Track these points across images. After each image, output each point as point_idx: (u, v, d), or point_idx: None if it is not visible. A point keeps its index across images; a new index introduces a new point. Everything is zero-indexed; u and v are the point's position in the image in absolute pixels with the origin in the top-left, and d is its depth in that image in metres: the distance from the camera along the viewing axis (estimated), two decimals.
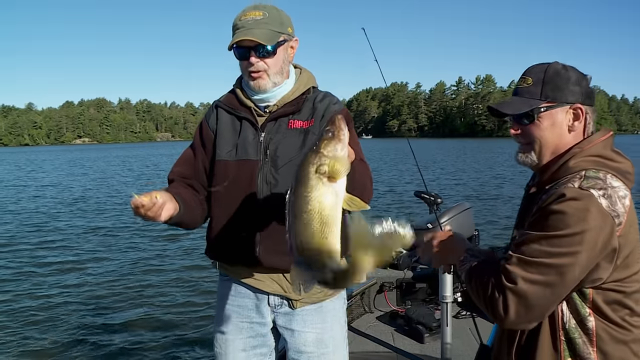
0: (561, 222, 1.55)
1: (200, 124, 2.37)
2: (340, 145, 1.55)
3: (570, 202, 1.55)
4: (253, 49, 2.08)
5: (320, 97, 2.25)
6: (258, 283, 2.22)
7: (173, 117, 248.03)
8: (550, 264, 1.54)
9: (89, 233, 12.59)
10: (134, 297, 7.50)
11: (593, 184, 1.59)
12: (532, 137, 1.78)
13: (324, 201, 1.52)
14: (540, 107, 1.74)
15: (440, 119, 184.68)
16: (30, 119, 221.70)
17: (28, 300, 7.38)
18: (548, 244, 1.55)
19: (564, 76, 1.75)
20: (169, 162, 46.22)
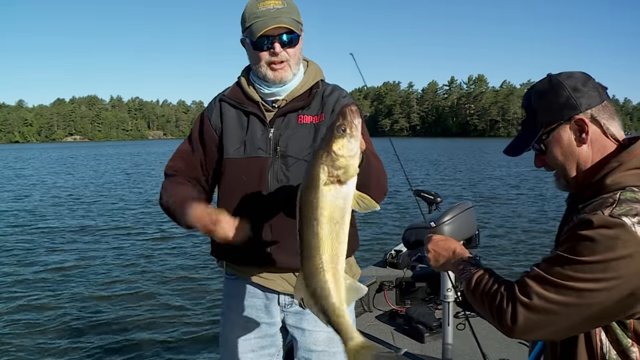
0: (587, 248, 1.45)
1: (200, 118, 2.29)
2: (353, 142, 1.49)
3: (599, 230, 1.45)
4: (276, 37, 2.03)
5: (329, 91, 2.20)
6: (268, 282, 2.19)
7: (165, 115, 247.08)
8: (569, 287, 1.45)
9: (81, 233, 12.50)
10: (135, 298, 7.44)
11: (627, 209, 1.46)
12: (552, 164, 1.73)
13: (334, 206, 1.50)
14: (541, 136, 1.68)
15: (433, 118, 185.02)
16: (21, 116, 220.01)
17: (25, 304, 7.28)
18: (571, 268, 1.47)
19: (549, 95, 1.67)
20: (161, 160, 46.20)
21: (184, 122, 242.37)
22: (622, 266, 1.41)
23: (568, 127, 1.64)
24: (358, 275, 2.35)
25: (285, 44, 2.06)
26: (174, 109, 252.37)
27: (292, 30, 2.05)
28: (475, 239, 5.18)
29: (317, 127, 2.12)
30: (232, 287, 2.30)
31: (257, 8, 2.03)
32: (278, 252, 2.12)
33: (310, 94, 2.18)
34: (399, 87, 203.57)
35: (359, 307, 4.84)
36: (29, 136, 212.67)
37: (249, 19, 2.05)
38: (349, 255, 2.28)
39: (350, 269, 2.30)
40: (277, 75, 2.09)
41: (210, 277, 8.22)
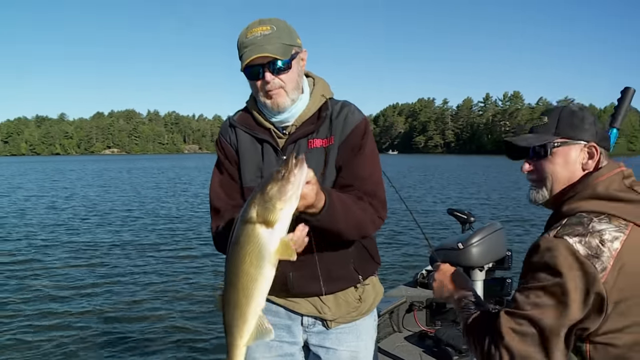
0: (537, 274, 1.56)
1: (218, 143, 2.24)
2: (288, 188, 1.53)
3: (544, 254, 1.56)
4: (266, 66, 1.95)
5: (338, 110, 2.12)
6: (291, 304, 2.18)
7: (200, 129, 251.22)
8: (529, 316, 1.53)
9: (109, 247, 12.48)
10: (155, 313, 7.41)
11: (569, 231, 1.56)
12: (544, 172, 1.79)
13: (254, 246, 1.55)
14: (554, 142, 1.76)
15: (467, 135, 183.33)
16: (62, 129, 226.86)
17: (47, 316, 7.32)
18: (527, 295, 1.56)
19: (579, 115, 1.77)
20: (195, 175, 46.61)
21: None
22: (568, 287, 1.50)
23: (581, 148, 1.75)
24: (381, 294, 2.31)
25: (276, 71, 1.97)
26: (210, 123, 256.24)
27: (278, 58, 1.95)
28: (507, 261, 5.06)
29: (327, 150, 2.07)
30: None
31: (245, 37, 1.97)
32: (299, 281, 2.10)
33: (319, 116, 2.11)
34: (434, 103, 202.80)
35: (388, 327, 4.75)
36: (69, 148, 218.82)
37: (239, 49, 1.99)
38: (371, 274, 2.27)
39: (374, 288, 2.28)
40: (273, 103, 2.02)
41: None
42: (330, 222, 1.82)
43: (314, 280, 2.08)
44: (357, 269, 2.17)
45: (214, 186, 2.23)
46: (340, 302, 2.16)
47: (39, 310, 7.46)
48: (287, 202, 1.54)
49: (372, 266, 2.27)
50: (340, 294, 2.16)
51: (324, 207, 1.77)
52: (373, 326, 2.30)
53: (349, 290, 2.17)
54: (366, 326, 2.25)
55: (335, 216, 1.83)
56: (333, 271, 2.11)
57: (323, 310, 2.15)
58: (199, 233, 13.92)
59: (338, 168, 2.06)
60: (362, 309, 2.21)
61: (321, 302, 2.14)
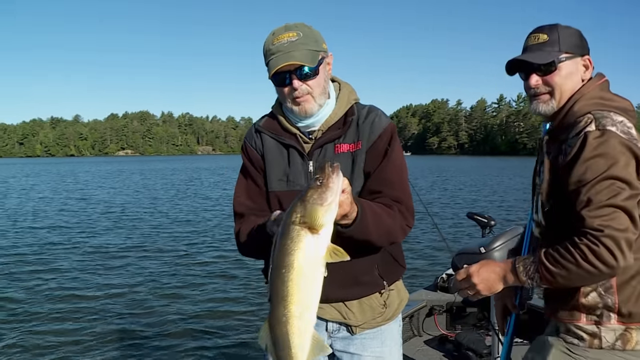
0: (594, 165, 1.76)
1: (245, 149, 2.24)
2: (327, 194, 1.54)
3: (596, 145, 1.77)
4: (294, 72, 1.96)
5: (364, 115, 2.13)
6: (317, 311, 2.16)
7: (214, 130, 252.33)
8: (610, 203, 1.73)
9: (117, 248, 12.47)
10: (177, 318, 7.30)
11: (605, 122, 1.80)
12: (553, 84, 1.99)
13: (304, 255, 1.55)
14: (561, 57, 1.97)
15: (481, 136, 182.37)
16: (77, 130, 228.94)
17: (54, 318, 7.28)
18: (597, 189, 1.75)
19: (575, 33, 2.02)
20: (208, 176, 46.61)
21: (233, 138, 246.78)
22: (626, 166, 1.76)
23: (580, 60, 2.01)
24: (405, 300, 2.32)
25: (304, 77, 1.98)
26: (223, 124, 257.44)
27: (306, 65, 1.97)
28: None
29: (355, 155, 2.08)
30: None
31: (272, 44, 1.97)
32: (327, 285, 2.07)
33: (345, 121, 2.12)
34: (447, 104, 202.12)
35: (409, 332, 4.76)
36: (83, 150, 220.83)
37: (266, 56, 2.00)
38: (396, 279, 2.27)
39: (399, 293, 2.28)
40: (301, 109, 2.03)
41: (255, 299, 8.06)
42: (362, 232, 1.84)
43: (340, 287, 2.07)
44: (382, 274, 2.17)
45: (239, 191, 2.24)
46: (365, 308, 2.16)
47: (45, 313, 7.47)
48: (328, 208, 1.55)
49: (397, 271, 2.27)
50: (365, 300, 2.15)
51: (356, 218, 1.79)
52: (398, 332, 2.31)
53: (374, 295, 2.17)
54: (391, 331, 2.25)
55: (367, 227, 1.84)
56: (359, 277, 2.11)
57: (348, 316, 2.15)
58: (213, 235, 13.91)
59: (366, 174, 2.07)
60: (387, 314, 2.21)
61: (346, 307, 2.15)
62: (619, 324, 1.87)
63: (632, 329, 1.87)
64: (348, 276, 2.07)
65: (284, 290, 1.56)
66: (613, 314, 1.87)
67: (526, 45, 2.05)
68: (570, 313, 1.95)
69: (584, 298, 1.90)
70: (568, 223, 1.84)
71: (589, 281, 1.83)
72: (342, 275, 2.06)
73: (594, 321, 1.90)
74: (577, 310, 1.93)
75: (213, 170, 57.26)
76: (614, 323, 1.87)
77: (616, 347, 1.87)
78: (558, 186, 1.91)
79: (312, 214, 1.53)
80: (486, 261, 2.02)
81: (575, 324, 1.94)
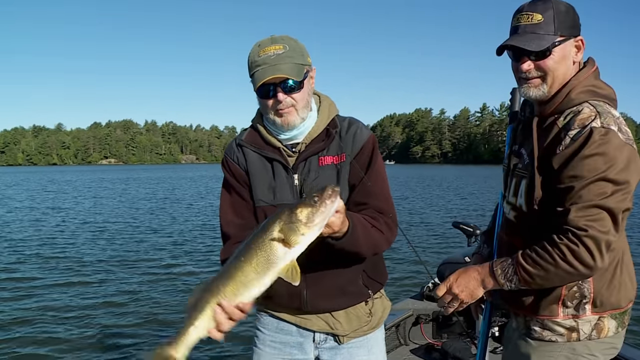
0: (592, 163, 1.76)
1: (227, 164, 2.21)
2: (316, 216, 1.60)
3: (597, 144, 1.76)
4: (279, 85, 1.97)
5: (346, 127, 2.14)
6: (303, 322, 2.19)
7: (198, 139, 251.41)
8: (599, 205, 1.74)
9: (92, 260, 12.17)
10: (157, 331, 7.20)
11: (607, 119, 1.80)
12: (546, 69, 1.93)
13: (265, 259, 1.64)
14: (556, 41, 1.90)
15: (464, 145, 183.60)
16: (60, 139, 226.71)
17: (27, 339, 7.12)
18: (589, 188, 1.76)
19: (571, 12, 1.94)
20: (192, 185, 46.17)
21: (217, 147, 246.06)
22: (623, 168, 1.77)
23: (574, 42, 1.94)
24: (388, 308, 2.34)
25: (288, 90, 1.98)
26: (207, 133, 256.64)
27: (292, 79, 1.97)
28: None
29: (339, 167, 2.09)
30: (265, 321, 2.28)
31: (257, 56, 1.97)
32: (314, 298, 2.12)
33: (328, 133, 2.13)
34: (431, 113, 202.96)
35: (395, 341, 4.75)
36: (66, 159, 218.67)
37: (251, 68, 2.00)
38: (379, 288, 2.28)
39: (382, 301, 2.30)
40: (284, 121, 2.03)
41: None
42: (352, 245, 1.89)
43: (327, 298, 2.12)
44: (367, 284, 2.19)
45: (224, 208, 2.22)
46: (351, 318, 2.18)
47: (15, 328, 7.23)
48: (311, 229, 1.61)
49: (380, 280, 2.30)
50: (351, 309, 2.18)
51: (347, 232, 1.83)
52: (383, 339, 2.34)
53: (359, 305, 2.20)
54: (376, 339, 2.28)
55: (357, 240, 1.90)
56: (344, 287, 2.13)
57: (335, 326, 2.16)
58: (194, 247, 13.73)
59: (351, 185, 2.09)
60: (373, 322, 2.24)
61: (333, 318, 2.16)
62: (593, 314, 1.93)
63: (604, 318, 1.94)
64: (334, 287, 2.11)
65: (231, 273, 1.67)
66: (588, 305, 1.93)
67: (517, 24, 1.96)
68: (549, 308, 1.97)
69: (565, 290, 1.94)
70: (551, 209, 1.86)
71: (566, 281, 1.86)
72: (329, 287, 2.11)
73: (571, 315, 1.94)
74: (555, 304, 1.96)
75: (196, 180, 56.70)
76: (589, 314, 1.93)
77: (592, 337, 1.94)
78: (548, 172, 1.90)
79: (293, 229, 1.60)
80: (463, 269, 2.02)
81: (552, 320, 1.97)
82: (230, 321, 1.69)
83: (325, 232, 1.69)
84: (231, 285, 1.66)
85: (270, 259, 1.63)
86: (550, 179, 1.89)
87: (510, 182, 2.15)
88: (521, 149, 2.10)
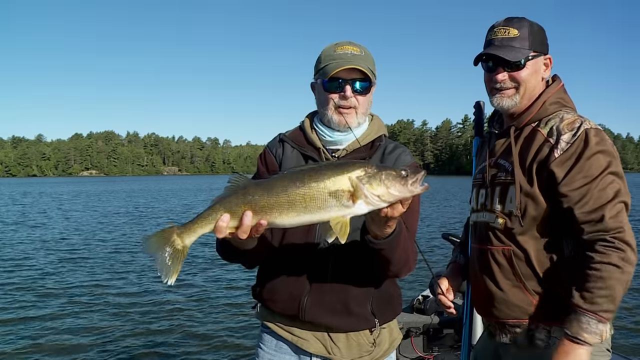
0: (594, 161, 1.90)
1: (263, 153, 2.23)
2: (398, 186, 1.52)
3: (595, 142, 1.90)
4: (349, 82, 2.00)
5: (391, 148, 2.14)
6: (301, 342, 2.09)
7: (180, 151, 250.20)
8: (615, 199, 1.87)
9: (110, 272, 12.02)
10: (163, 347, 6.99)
11: (592, 123, 1.97)
12: (520, 80, 2.07)
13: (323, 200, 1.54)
14: (529, 55, 2.06)
15: (446, 156, 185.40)
16: (40, 150, 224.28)
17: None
18: (601, 186, 1.88)
19: (541, 31, 2.12)
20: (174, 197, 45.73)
21: (199, 159, 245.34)
22: (618, 161, 1.95)
23: (543, 59, 2.13)
24: (398, 340, 2.23)
25: (357, 91, 2.02)
26: (189, 145, 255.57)
27: (366, 77, 2.01)
28: None
29: None
30: (266, 340, 2.22)
31: (334, 51, 2.02)
32: (312, 307, 2.04)
33: (372, 146, 2.13)
34: (413, 125, 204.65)
35: None
36: (46, 170, 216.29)
37: (324, 60, 2.03)
38: (390, 319, 2.19)
39: (391, 333, 2.20)
40: (341, 120, 2.03)
41: (244, 327, 7.76)
42: (390, 249, 1.82)
43: (328, 310, 2.03)
44: (375, 311, 2.07)
45: None
46: (352, 344, 2.06)
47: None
48: (384, 196, 1.52)
49: (392, 311, 2.19)
50: (353, 335, 2.06)
51: (392, 234, 1.77)
52: None
53: (363, 332, 2.07)
54: None
55: (397, 246, 1.83)
56: (349, 305, 2.02)
57: (333, 351, 2.06)
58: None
59: None
60: (376, 354, 2.10)
61: (331, 341, 2.07)
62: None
63: None
64: (338, 301, 2.02)
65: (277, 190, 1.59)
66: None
67: (494, 37, 2.10)
68: (556, 315, 1.99)
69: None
70: (555, 210, 1.96)
71: (627, 286, 1.87)
72: (332, 299, 2.01)
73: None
74: (562, 310, 1.96)
75: (178, 192, 56.10)
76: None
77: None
78: (543, 176, 1.97)
79: (370, 184, 1.50)
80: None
81: (560, 326, 1.96)
82: (242, 232, 1.63)
83: (386, 212, 1.57)
84: (269, 201, 1.58)
85: (327, 201, 1.54)
86: (549, 182, 1.96)
87: (491, 193, 2.16)
88: (499, 159, 2.14)
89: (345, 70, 1.97)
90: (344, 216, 1.55)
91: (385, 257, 1.86)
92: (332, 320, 2.04)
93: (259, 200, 1.59)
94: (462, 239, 2.62)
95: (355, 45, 2.05)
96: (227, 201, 1.62)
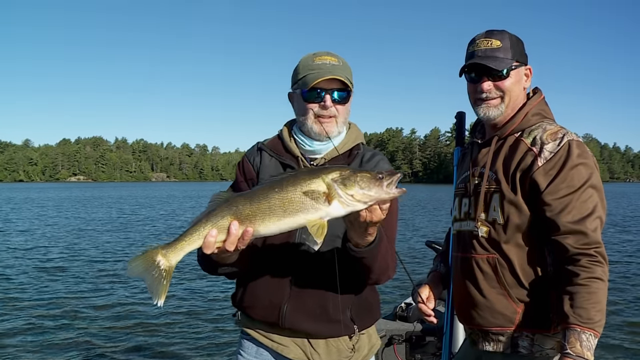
0: (577, 172, 1.95)
1: (240, 163, 2.25)
2: (374, 188, 1.54)
3: (579, 155, 1.96)
4: (328, 91, 2.03)
5: (369, 156, 2.17)
6: (281, 348, 2.11)
7: (169, 157, 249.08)
8: (594, 214, 1.93)
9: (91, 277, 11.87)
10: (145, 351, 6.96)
11: (573, 135, 2.03)
12: (505, 89, 2.12)
13: (297, 204, 1.57)
14: (513, 65, 2.11)
15: (435, 165, 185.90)
16: (27, 155, 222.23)
17: None
18: (584, 199, 1.93)
19: (521, 42, 2.18)
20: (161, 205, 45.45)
21: (188, 165, 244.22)
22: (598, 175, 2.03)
23: (524, 69, 2.18)
24: (377, 345, 2.25)
25: (336, 100, 2.05)
26: (178, 151, 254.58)
27: (345, 87, 2.05)
28: None
29: None
30: (246, 347, 2.22)
31: (312, 61, 2.06)
32: (292, 313, 2.05)
33: (350, 154, 2.15)
34: (402, 133, 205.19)
35: None
36: (33, 175, 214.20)
37: (303, 71, 2.06)
38: (368, 325, 2.21)
39: (370, 339, 2.22)
40: (322, 130, 2.06)
41: (229, 330, 7.76)
42: (371, 258, 1.85)
43: (307, 317, 2.04)
44: (354, 317, 2.10)
45: None
46: (331, 350, 2.08)
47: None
48: (357, 195, 1.54)
49: (371, 317, 2.22)
50: (332, 341, 2.08)
51: (373, 242, 1.79)
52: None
53: (342, 338, 2.09)
54: None
55: (377, 255, 1.86)
56: (329, 311, 2.04)
57: (313, 357, 2.08)
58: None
59: None
60: (355, 359, 2.12)
61: (311, 347, 2.08)
62: None
63: None
64: (317, 306, 2.04)
65: (257, 198, 1.63)
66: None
67: (476, 48, 2.14)
68: (541, 323, 2.03)
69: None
70: (538, 217, 2.00)
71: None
72: (312, 305, 2.04)
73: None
74: (547, 317, 2.02)
75: (167, 199, 55.64)
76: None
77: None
78: (527, 185, 2.01)
79: (344, 186, 1.53)
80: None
81: (544, 334, 2.03)
82: (230, 244, 1.65)
83: (364, 217, 1.61)
84: (252, 209, 1.61)
85: (305, 204, 1.57)
86: (532, 190, 2.00)
87: (474, 202, 2.18)
88: (483, 168, 2.16)
89: (324, 81, 2.01)
90: (321, 218, 1.58)
91: (366, 265, 1.89)
92: (312, 326, 2.06)
93: (243, 210, 1.63)
94: (443, 248, 2.64)
95: (333, 55, 2.09)
96: (213, 215, 1.65)
